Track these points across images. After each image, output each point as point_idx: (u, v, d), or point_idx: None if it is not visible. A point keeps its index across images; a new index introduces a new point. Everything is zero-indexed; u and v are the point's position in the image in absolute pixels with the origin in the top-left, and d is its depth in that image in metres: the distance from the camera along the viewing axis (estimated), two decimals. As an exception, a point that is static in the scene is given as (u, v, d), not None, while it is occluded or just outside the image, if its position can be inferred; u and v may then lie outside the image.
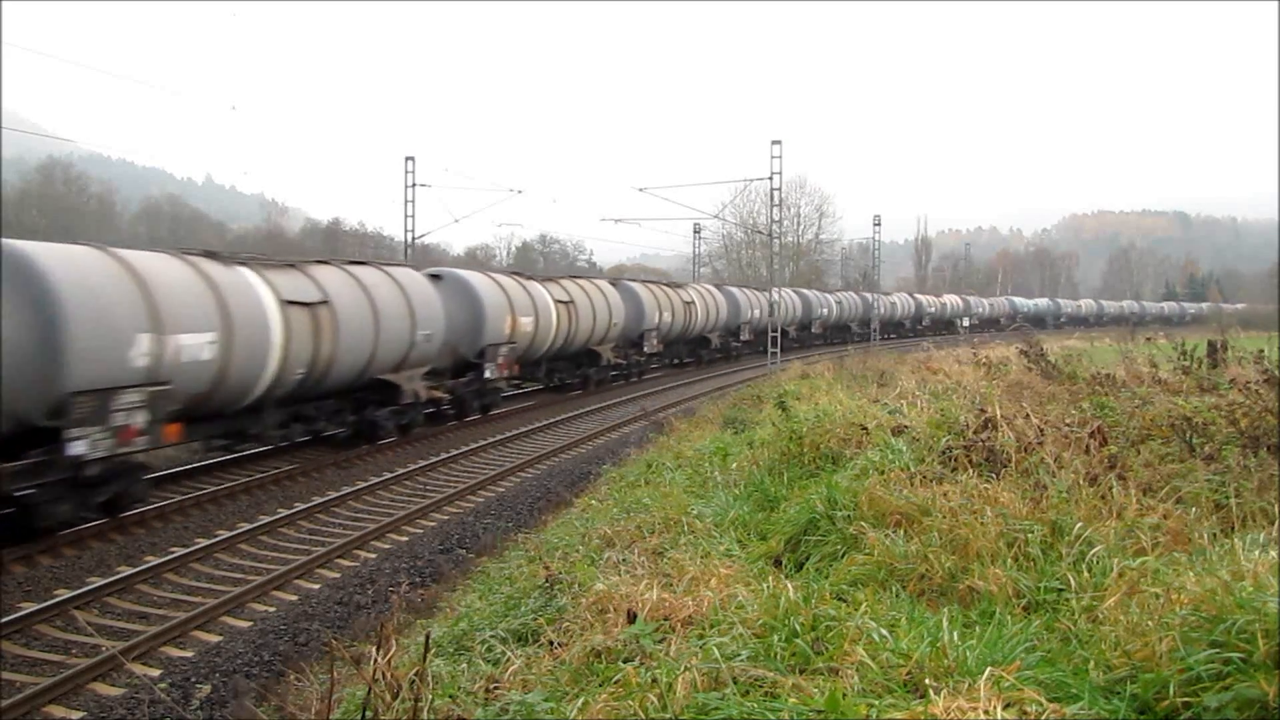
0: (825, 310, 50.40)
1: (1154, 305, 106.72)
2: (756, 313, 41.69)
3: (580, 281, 27.57)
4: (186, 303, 11.85)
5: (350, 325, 15.20)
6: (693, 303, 35.58)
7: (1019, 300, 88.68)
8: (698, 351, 38.24)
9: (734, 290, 41.51)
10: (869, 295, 58.17)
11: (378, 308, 16.07)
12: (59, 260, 10.52)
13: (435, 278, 20.08)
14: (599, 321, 26.94)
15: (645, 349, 31.35)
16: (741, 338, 41.16)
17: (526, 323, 22.14)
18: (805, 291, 49.59)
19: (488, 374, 20.46)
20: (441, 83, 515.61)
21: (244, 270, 13.51)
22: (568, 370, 27.29)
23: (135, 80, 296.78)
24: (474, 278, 21.29)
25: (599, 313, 26.97)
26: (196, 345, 11.85)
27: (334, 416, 16.36)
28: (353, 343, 15.33)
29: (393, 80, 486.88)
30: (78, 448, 10.16)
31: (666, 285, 35.79)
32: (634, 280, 35.63)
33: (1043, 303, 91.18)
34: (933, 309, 69.22)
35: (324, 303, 14.69)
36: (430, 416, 19.24)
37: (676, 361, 37.16)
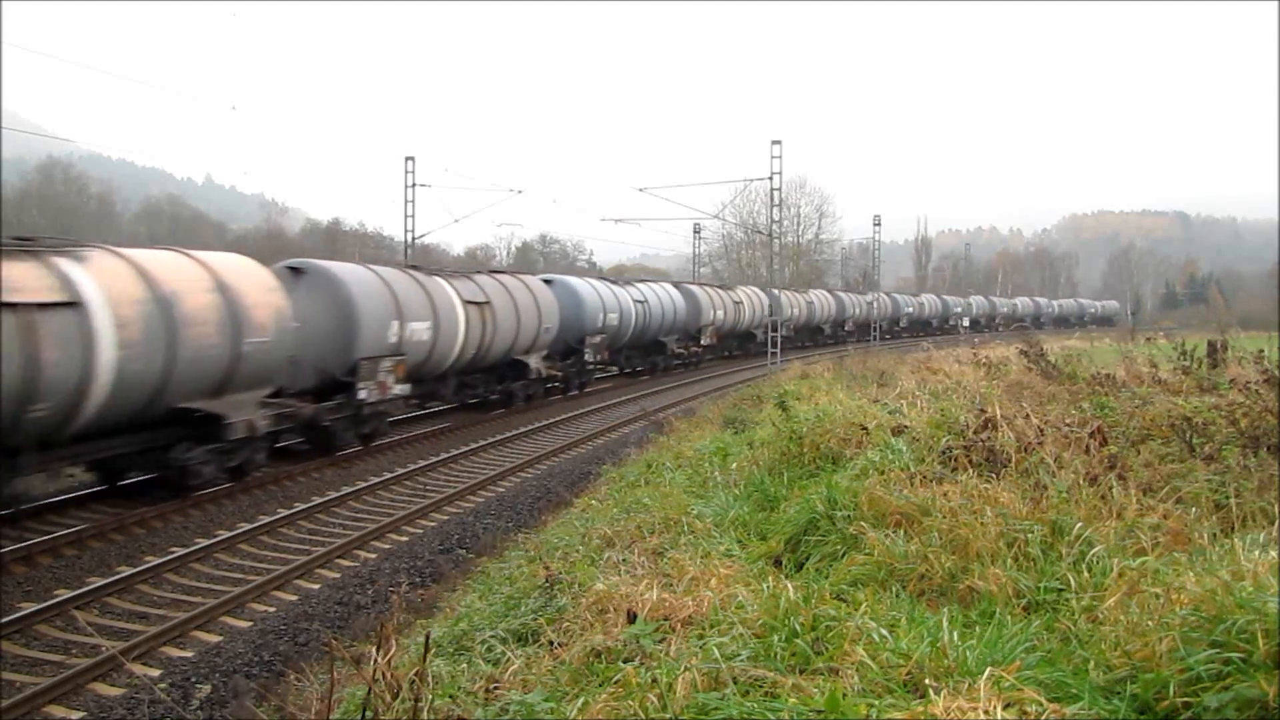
0: (795, 311, 46.41)
1: (1090, 304, 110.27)
2: (720, 314, 38.20)
3: (502, 278, 23.10)
4: None
5: (122, 334, 11.08)
6: (645, 302, 31.12)
7: (999, 300, 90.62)
8: (652, 358, 33.81)
9: (694, 289, 37.36)
10: (844, 295, 56.74)
11: (174, 309, 11.87)
12: None
13: (296, 271, 16.51)
14: (525, 326, 22.55)
15: (586, 357, 26.75)
16: (702, 342, 36.77)
17: (421, 329, 18.09)
18: (775, 291, 45.16)
19: (362, 395, 16.18)
20: (441, 83, 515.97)
21: None
22: (486, 385, 22.63)
23: (135, 80, 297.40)
24: (346, 271, 17.12)
25: (524, 315, 22.51)
26: None
27: (116, 462, 12.28)
28: (128, 359, 11.12)
29: (393, 80, 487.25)
30: None
31: (614, 282, 31.39)
32: (575, 276, 30.95)
33: (1023, 303, 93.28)
34: (910, 309, 68.50)
35: (70, 304, 10.51)
36: (280, 451, 15.39)
37: (627, 370, 33.32)
